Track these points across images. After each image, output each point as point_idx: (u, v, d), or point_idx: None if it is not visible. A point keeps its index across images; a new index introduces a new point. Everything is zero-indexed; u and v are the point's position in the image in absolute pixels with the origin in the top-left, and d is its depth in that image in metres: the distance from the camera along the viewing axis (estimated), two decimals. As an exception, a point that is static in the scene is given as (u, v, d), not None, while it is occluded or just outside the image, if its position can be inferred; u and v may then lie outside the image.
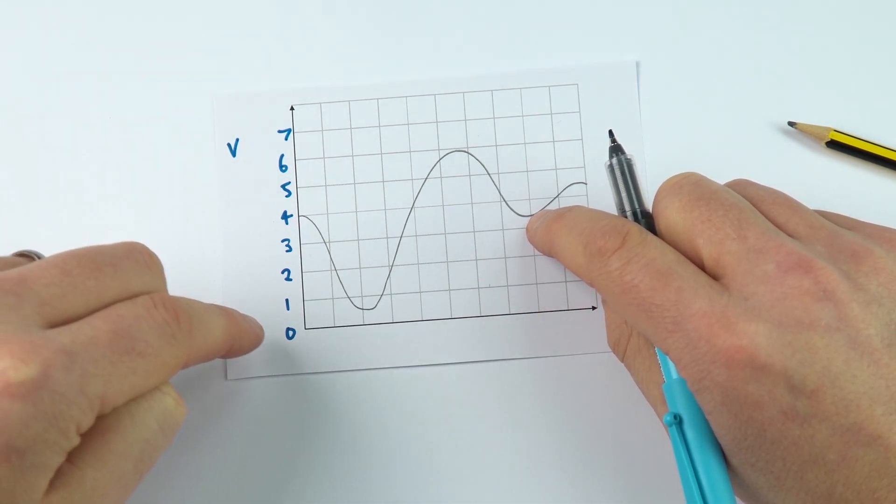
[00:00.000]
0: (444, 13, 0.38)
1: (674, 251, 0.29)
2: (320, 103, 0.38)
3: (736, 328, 0.26)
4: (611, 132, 0.34)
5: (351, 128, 0.38)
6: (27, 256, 0.31)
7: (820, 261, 0.27)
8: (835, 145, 0.37)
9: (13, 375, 0.24)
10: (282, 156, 0.37)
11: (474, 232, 0.37)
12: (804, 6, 0.38)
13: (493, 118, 0.37)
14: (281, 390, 0.36)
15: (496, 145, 0.37)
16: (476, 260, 0.37)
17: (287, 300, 0.37)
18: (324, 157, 0.37)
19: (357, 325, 0.36)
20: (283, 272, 0.37)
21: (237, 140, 0.37)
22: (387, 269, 0.37)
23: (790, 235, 0.29)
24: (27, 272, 0.27)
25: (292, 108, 0.38)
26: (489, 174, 0.37)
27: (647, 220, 0.32)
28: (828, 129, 0.36)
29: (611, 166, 0.33)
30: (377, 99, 0.38)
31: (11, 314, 0.25)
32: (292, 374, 0.36)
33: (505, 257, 0.37)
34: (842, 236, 0.29)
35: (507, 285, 0.36)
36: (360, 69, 0.38)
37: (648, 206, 0.32)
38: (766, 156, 0.37)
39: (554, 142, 0.37)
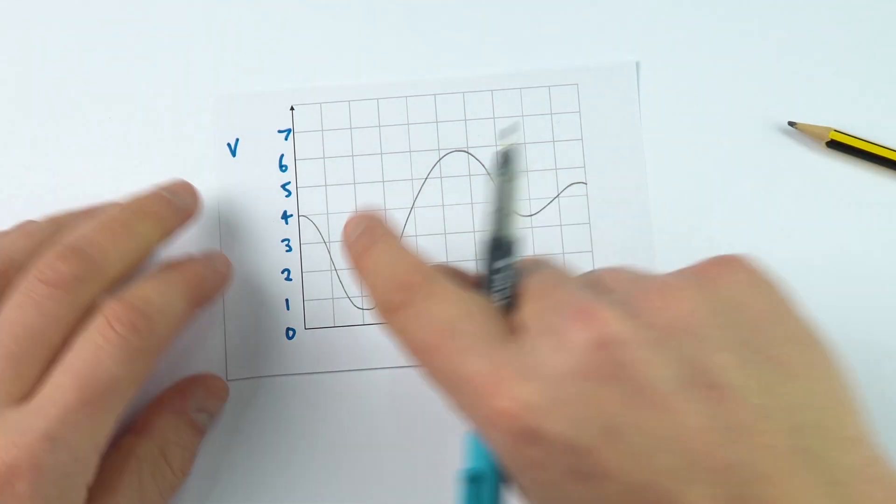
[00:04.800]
0: (444, 13, 0.38)
1: (461, 302, 0.26)
2: (320, 103, 0.38)
3: (508, 390, 0.24)
4: (505, 131, 0.30)
5: (351, 128, 0.38)
6: None
7: (602, 305, 0.24)
8: (835, 145, 0.37)
9: (13, 479, 0.26)
10: (282, 156, 0.37)
11: (474, 232, 0.37)
12: (805, 6, 0.38)
13: (493, 118, 0.37)
14: (281, 390, 0.36)
15: (496, 145, 0.37)
16: (476, 260, 0.37)
17: (287, 300, 0.37)
18: (324, 157, 0.37)
19: (357, 325, 0.36)
20: (283, 272, 0.37)
21: (237, 140, 0.37)
22: (387, 269, 0.37)
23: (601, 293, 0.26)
24: None
25: (292, 108, 0.38)
26: (489, 174, 0.37)
27: (497, 252, 0.28)
28: (828, 129, 0.36)
29: (494, 176, 0.29)
30: (377, 99, 0.38)
31: None
32: (292, 374, 0.36)
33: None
34: (647, 281, 0.26)
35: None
36: (360, 69, 0.38)
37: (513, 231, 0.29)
38: (766, 156, 0.37)
39: (554, 142, 0.37)
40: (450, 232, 0.37)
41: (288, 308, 0.37)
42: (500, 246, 0.28)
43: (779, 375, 0.24)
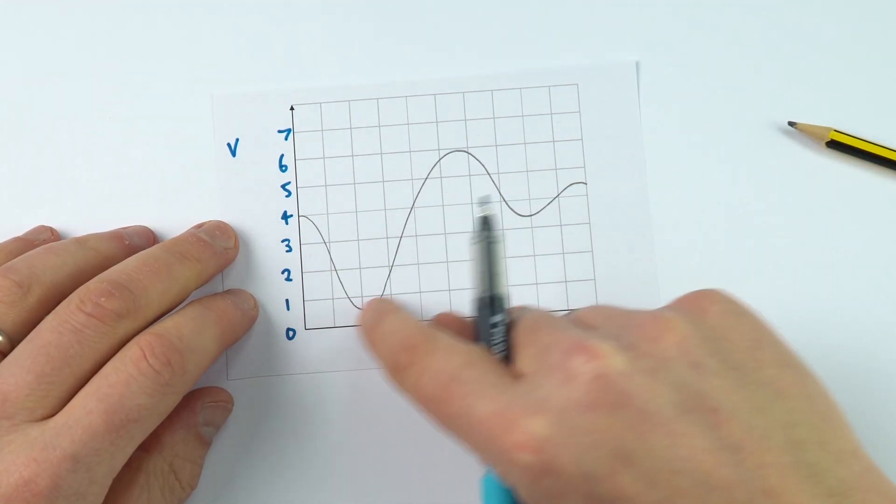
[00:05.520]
0: (444, 13, 0.38)
1: (462, 354, 0.28)
2: (320, 103, 0.38)
3: (517, 426, 0.25)
4: (483, 199, 0.32)
5: (351, 128, 0.38)
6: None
7: (597, 339, 0.26)
8: (835, 145, 0.37)
9: (28, 494, 0.27)
10: (282, 156, 0.37)
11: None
12: (804, 6, 0.38)
13: (493, 118, 0.37)
14: (281, 390, 0.36)
15: (496, 145, 0.37)
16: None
17: (287, 300, 0.37)
18: (324, 157, 0.37)
19: (357, 325, 0.36)
20: (283, 272, 0.37)
21: (237, 140, 0.37)
22: (387, 269, 0.37)
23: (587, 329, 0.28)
24: (4, 386, 0.28)
25: (292, 108, 0.38)
26: (489, 174, 0.37)
27: (491, 308, 0.30)
28: (828, 129, 0.36)
29: (475, 240, 0.31)
30: (377, 99, 0.38)
31: (11, 435, 0.28)
32: (292, 374, 0.36)
33: (505, 257, 0.37)
34: (636, 315, 0.28)
35: (507, 285, 0.36)
36: (360, 69, 0.38)
37: (502, 288, 0.31)
38: (766, 156, 0.37)
39: (554, 142, 0.37)
40: (450, 232, 0.37)
41: (288, 308, 0.37)
42: (491, 303, 0.30)
43: (770, 396, 0.25)
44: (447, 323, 0.32)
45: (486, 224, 0.31)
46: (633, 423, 0.24)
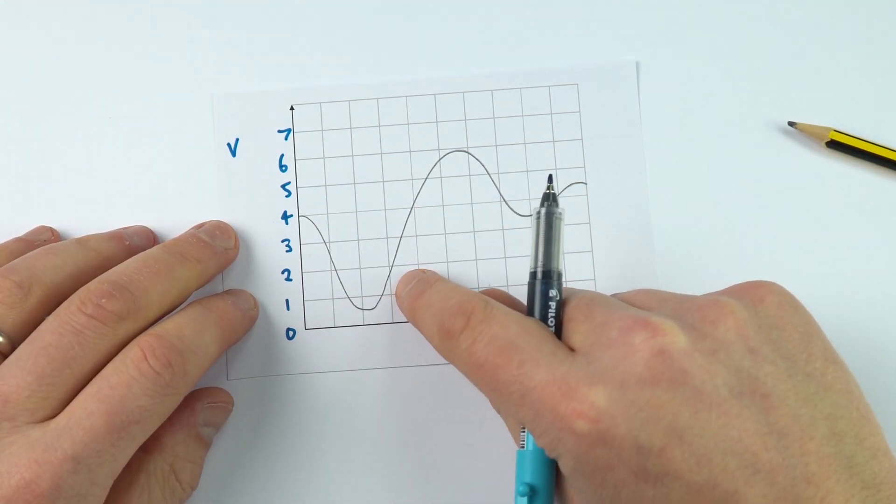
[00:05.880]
0: (444, 13, 0.38)
1: (520, 322, 0.29)
2: (320, 103, 0.38)
3: (576, 394, 0.26)
4: (550, 177, 0.33)
5: (351, 128, 0.38)
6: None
7: (659, 318, 0.27)
8: (835, 145, 0.37)
9: (29, 496, 0.27)
10: (282, 156, 0.37)
11: (474, 232, 0.37)
12: (804, 6, 0.38)
13: (493, 118, 0.37)
14: (281, 390, 0.36)
15: (496, 145, 0.37)
16: (476, 260, 0.37)
17: (287, 300, 0.37)
18: (324, 157, 0.37)
19: (357, 325, 0.36)
20: (283, 272, 0.37)
21: (237, 140, 0.37)
22: (387, 269, 0.37)
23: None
24: (5, 387, 0.28)
25: (292, 108, 0.38)
26: (489, 174, 0.37)
27: (546, 282, 0.31)
28: (828, 129, 0.37)
29: (538, 215, 0.32)
30: (377, 99, 0.38)
31: (12, 436, 0.27)
32: (292, 374, 0.36)
33: (505, 257, 0.37)
34: (693, 299, 0.28)
35: (507, 285, 0.36)
36: (360, 69, 0.38)
37: (558, 264, 0.31)
38: (766, 156, 0.37)
39: (554, 142, 0.37)
40: (450, 232, 0.37)
41: (288, 308, 0.37)
42: (548, 277, 0.31)
43: (817, 388, 0.26)
44: (496, 296, 0.32)
45: (549, 200, 0.32)
46: (690, 401, 0.25)
